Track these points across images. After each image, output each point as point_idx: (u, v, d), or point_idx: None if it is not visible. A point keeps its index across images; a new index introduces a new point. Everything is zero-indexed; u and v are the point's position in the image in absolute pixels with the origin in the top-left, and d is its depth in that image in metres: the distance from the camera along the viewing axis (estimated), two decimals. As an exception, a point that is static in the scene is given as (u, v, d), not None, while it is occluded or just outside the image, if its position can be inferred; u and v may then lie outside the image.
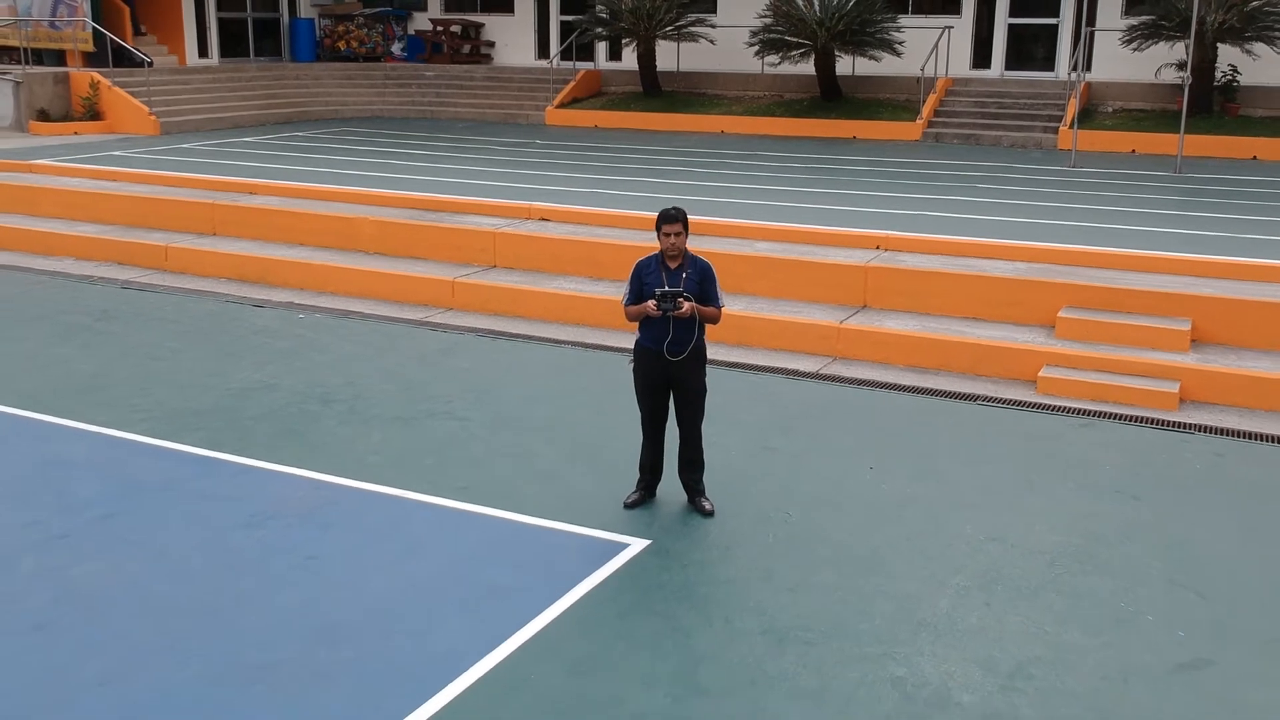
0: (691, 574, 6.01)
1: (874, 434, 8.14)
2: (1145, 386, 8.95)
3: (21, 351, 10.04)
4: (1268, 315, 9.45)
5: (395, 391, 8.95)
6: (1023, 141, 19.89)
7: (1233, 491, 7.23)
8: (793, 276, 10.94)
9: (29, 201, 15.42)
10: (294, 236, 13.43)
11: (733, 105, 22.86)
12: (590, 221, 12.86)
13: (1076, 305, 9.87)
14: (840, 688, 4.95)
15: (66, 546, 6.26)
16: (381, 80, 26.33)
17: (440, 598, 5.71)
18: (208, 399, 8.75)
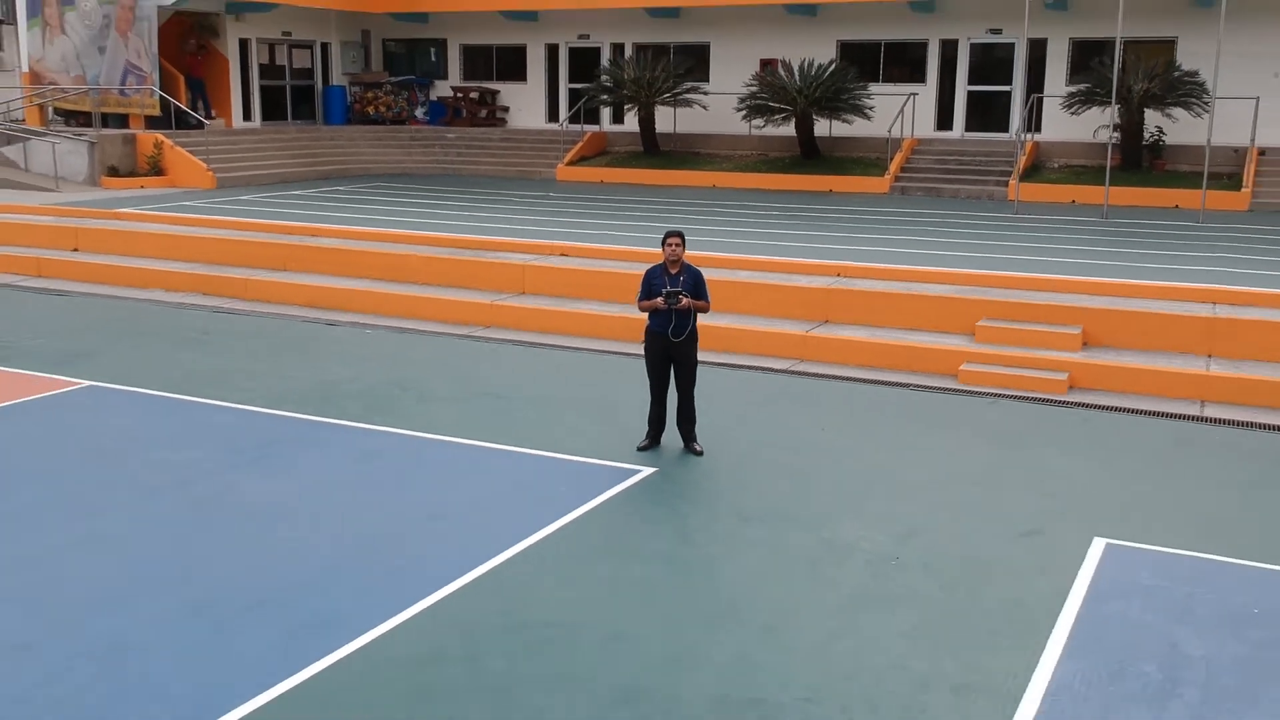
0: (686, 488, 8.39)
1: (827, 410, 10.55)
2: (1042, 376, 11.36)
3: (151, 356, 12.43)
4: (1141, 322, 11.89)
5: (452, 382, 11.35)
6: (977, 194, 22.48)
7: (1085, 440, 9.62)
8: (769, 297, 13.39)
9: (123, 243, 17.89)
10: (354, 270, 15.88)
11: (723, 163, 25.50)
12: (602, 256, 15.33)
13: (991, 317, 12.32)
14: (785, 544, 7.32)
15: (238, 472, 8.63)
16: (408, 141, 28.97)
17: (510, 500, 8.08)
18: (307, 386, 11.13)
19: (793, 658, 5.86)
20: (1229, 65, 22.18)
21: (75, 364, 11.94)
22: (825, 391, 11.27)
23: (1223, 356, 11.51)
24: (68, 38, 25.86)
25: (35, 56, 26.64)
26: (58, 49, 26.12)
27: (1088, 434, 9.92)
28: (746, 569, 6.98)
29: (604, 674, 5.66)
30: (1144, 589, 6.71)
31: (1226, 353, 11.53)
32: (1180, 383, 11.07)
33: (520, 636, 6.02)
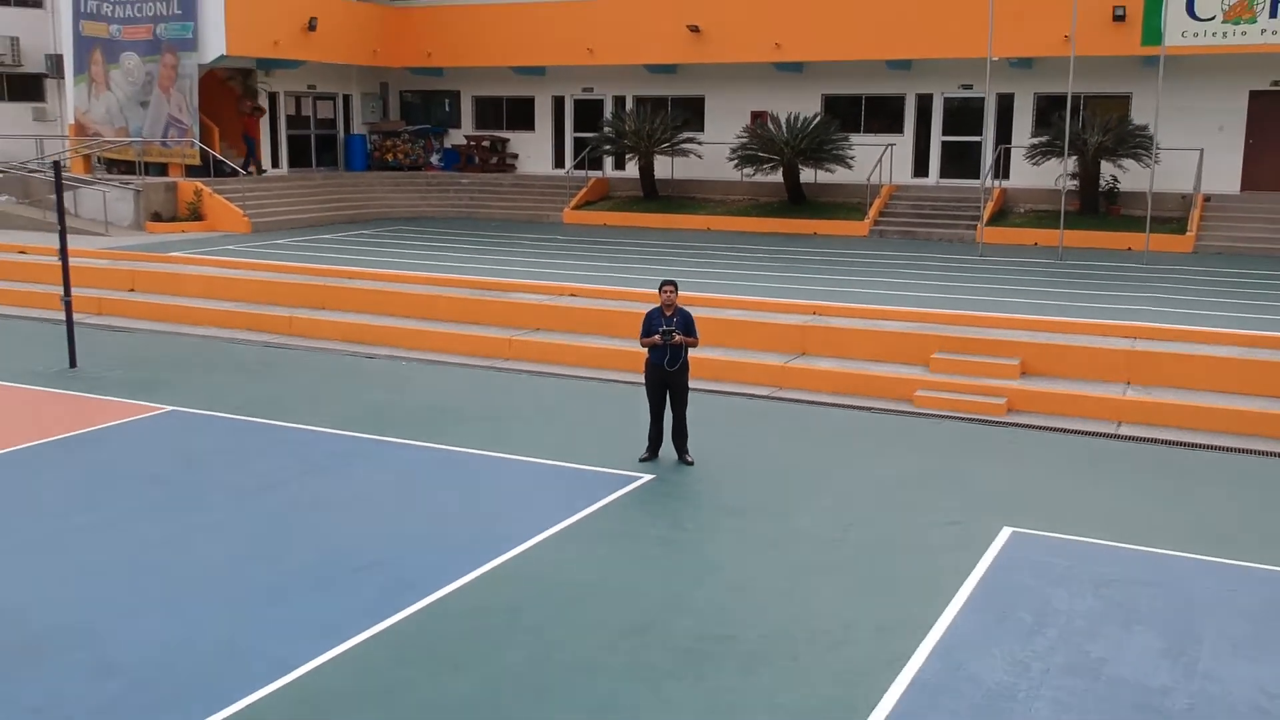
0: (679, 490, 10.27)
1: (800, 429, 12.45)
2: (984, 401, 13.25)
3: (217, 384, 14.33)
4: (1070, 354, 13.80)
5: (481, 406, 13.25)
6: (949, 237, 24.44)
7: (1012, 453, 11.51)
8: (753, 333, 15.30)
9: (175, 284, 19.82)
10: (387, 309, 17.80)
11: (717, 207, 27.51)
12: (606, 296, 17.25)
13: (944, 350, 14.23)
14: (754, 530, 9.19)
15: (311, 478, 10.51)
16: (424, 186, 31.00)
17: (537, 499, 9.96)
18: (357, 410, 13.03)
19: (755, 607, 7.72)
20: (1177, 120, 24.33)
21: (155, 391, 13.83)
22: (799, 414, 13.17)
23: (1139, 384, 13.40)
24: (112, 93, 27.92)
25: (81, 109, 28.71)
26: (103, 103, 28.18)
27: (1016, 448, 11.82)
28: (723, 547, 8.86)
29: (613, 618, 7.53)
30: (1034, 563, 8.58)
31: (1142, 380, 13.43)
32: (1101, 406, 12.96)
33: (550, 594, 7.90)
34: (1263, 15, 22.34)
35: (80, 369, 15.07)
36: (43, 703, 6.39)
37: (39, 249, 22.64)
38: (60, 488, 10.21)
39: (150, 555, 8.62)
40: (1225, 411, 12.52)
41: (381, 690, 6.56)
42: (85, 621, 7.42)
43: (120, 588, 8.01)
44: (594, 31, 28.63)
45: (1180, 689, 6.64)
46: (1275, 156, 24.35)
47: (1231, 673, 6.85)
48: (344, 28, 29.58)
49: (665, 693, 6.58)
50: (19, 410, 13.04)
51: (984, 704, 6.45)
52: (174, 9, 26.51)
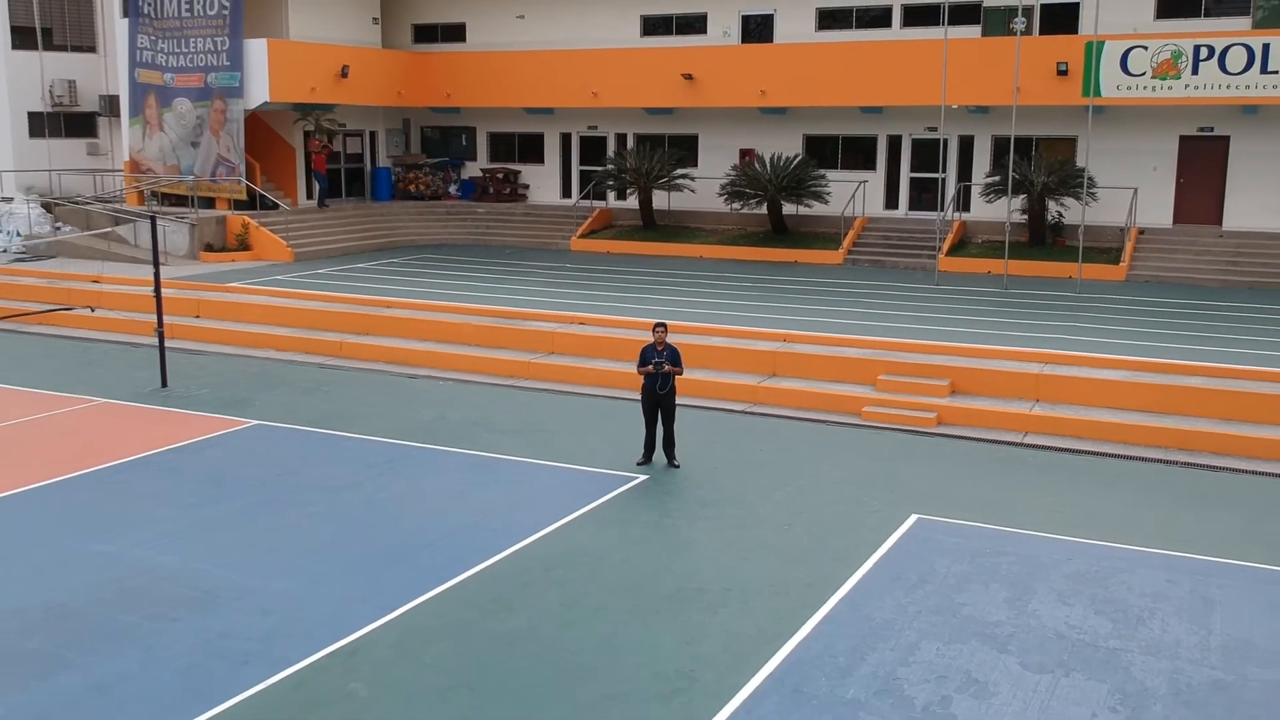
0: (667, 488, 13.11)
1: (768, 439, 15.29)
2: (919, 415, 16.08)
3: (287, 401, 17.18)
4: (989, 377, 16.63)
5: (508, 419, 16.10)
6: (914, 265, 27.27)
7: (934, 457, 14.36)
8: (731, 357, 18.14)
9: (236, 311, 22.67)
10: (424, 334, 20.64)
11: (708, 236, 30.35)
12: (610, 325, 20.08)
13: (888, 373, 17.08)
14: (724, 517, 12.04)
15: (379, 479, 13.36)
16: (444, 215, 33.84)
17: (556, 495, 12.80)
18: (406, 423, 15.87)
19: (719, 571, 10.57)
20: (1116, 160, 27.22)
21: (239, 408, 16.70)
22: (768, 426, 16.01)
23: (1044, 401, 16.23)
24: (165, 134, 30.80)
25: (136, 148, 31.58)
26: (156, 143, 31.05)
27: (939, 454, 14.67)
28: (699, 529, 11.71)
29: (617, 578, 10.37)
30: (928, 540, 11.42)
31: (1047, 398, 16.26)
32: (1012, 419, 15.79)
33: (571, 561, 10.75)
34: (1185, 73, 25.17)
35: (171, 389, 17.94)
36: (225, 629, 9.24)
37: (110, 279, 25.54)
38: (188, 487, 13.07)
39: (272, 537, 11.48)
40: (1111, 424, 15.35)
41: (455, 624, 9.41)
42: (240, 581, 10.28)
43: (257, 559, 10.87)
44: (598, 77, 31.49)
45: (1009, 622, 9.48)
46: (1203, 193, 27.19)
47: (1049, 613, 9.69)
48: (372, 73, 32.45)
49: (653, 626, 9.42)
50: (132, 424, 15.90)
51: (872, 631, 9.30)
52: (223, 60, 29.39)
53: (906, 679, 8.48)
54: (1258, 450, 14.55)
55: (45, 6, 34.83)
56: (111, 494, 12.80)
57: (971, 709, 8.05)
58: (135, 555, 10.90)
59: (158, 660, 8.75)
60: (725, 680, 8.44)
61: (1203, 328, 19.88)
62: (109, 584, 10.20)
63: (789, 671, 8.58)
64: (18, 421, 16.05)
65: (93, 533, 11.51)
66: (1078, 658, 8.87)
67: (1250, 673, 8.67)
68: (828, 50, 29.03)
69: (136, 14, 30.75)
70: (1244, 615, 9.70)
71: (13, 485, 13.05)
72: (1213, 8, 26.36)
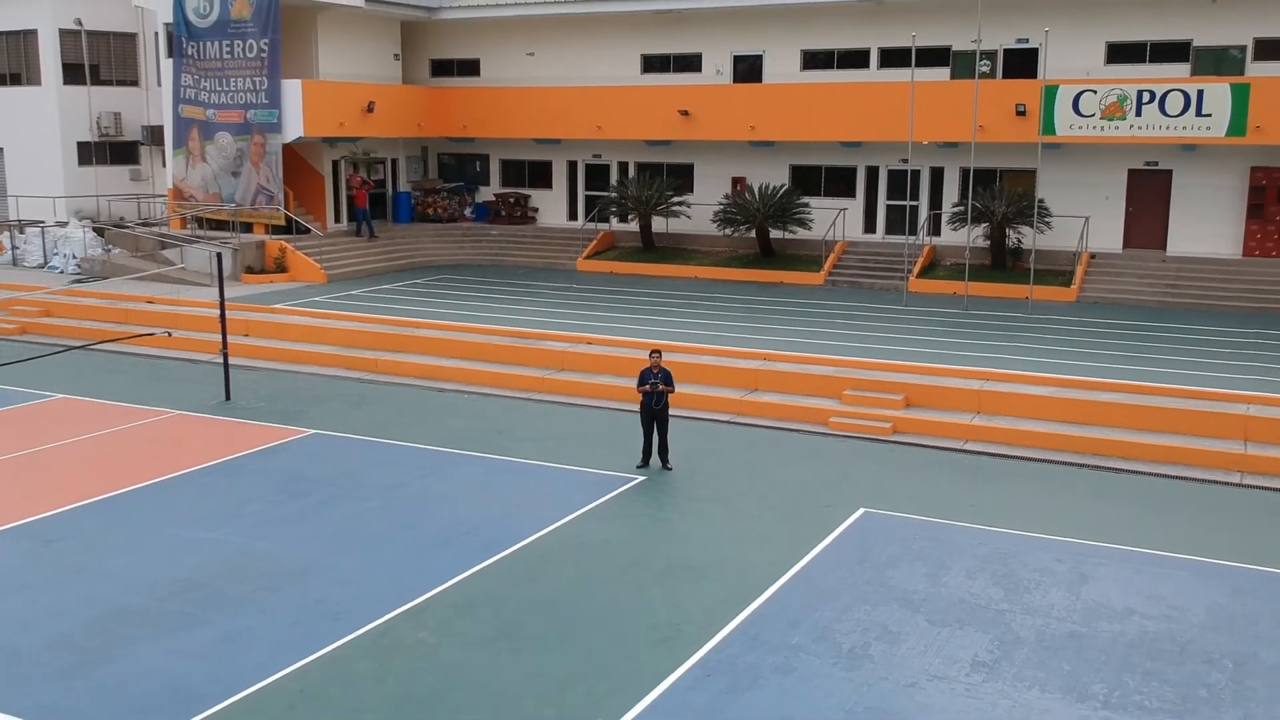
0: (661, 487, 15.76)
1: (748, 445, 17.94)
2: (877, 425, 18.70)
3: (337, 412, 19.81)
4: (938, 392, 19.26)
5: (526, 429, 18.75)
6: (887, 286, 29.90)
7: (886, 461, 17.00)
8: (718, 373, 20.76)
9: (280, 331, 25.32)
10: (450, 353, 23.28)
11: (702, 258, 32.99)
12: (614, 344, 22.70)
13: (852, 388, 19.71)
14: (710, 511, 14.69)
15: (423, 480, 16.00)
16: (460, 237, 36.49)
17: (569, 493, 15.44)
18: (440, 432, 18.51)
19: (703, 552, 13.22)
20: (1071, 191, 29.89)
21: (296, 419, 19.35)
22: (748, 435, 18.66)
23: (984, 413, 18.87)
24: (207, 164, 33.47)
25: (179, 177, 34.25)
26: (198, 172, 33.73)
27: (891, 458, 17.32)
28: (688, 521, 14.36)
29: (618, 558, 13.02)
30: (871, 528, 14.05)
31: (987, 411, 18.89)
32: (956, 429, 18.42)
33: (581, 546, 13.39)
34: (1130, 114, 27.80)
35: (234, 401, 20.59)
36: (317, 596, 11.89)
37: (163, 299, 28.20)
38: (267, 486, 15.73)
39: (342, 526, 14.13)
40: (1037, 433, 17.97)
41: (492, 592, 12.06)
42: (321, 560, 12.94)
43: (332, 543, 13.52)
44: (602, 111, 34.14)
45: (923, 591, 12.13)
46: (1150, 220, 29.82)
47: (956, 584, 12.32)
48: (395, 107, 35.13)
49: (648, 593, 12.07)
50: (208, 433, 18.56)
51: (816, 595, 11.93)
52: (262, 99, 32.06)
53: (838, 630, 11.13)
54: (1158, 455, 17.17)
55: (93, 45, 37.55)
56: (204, 492, 15.46)
57: (884, 651, 10.70)
58: (235, 541, 13.57)
59: (270, 618, 11.41)
60: (702, 631, 11.09)
61: (1134, 346, 22.51)
62: (220, 563, 12.87)
63: (751, 625, 11.23)
64: (110, 431, 18.71)
65: (197, 524, 14.17)
66: (972, 616, 11.52)
67: (1100, 626, 11.31)
68: (811, 89, 31.67)
69: (180, 55, 33.40)
70: (1108, 586, 12.34)
71: (122, 485, 15.71)
72: (1156, 55, 28.99)
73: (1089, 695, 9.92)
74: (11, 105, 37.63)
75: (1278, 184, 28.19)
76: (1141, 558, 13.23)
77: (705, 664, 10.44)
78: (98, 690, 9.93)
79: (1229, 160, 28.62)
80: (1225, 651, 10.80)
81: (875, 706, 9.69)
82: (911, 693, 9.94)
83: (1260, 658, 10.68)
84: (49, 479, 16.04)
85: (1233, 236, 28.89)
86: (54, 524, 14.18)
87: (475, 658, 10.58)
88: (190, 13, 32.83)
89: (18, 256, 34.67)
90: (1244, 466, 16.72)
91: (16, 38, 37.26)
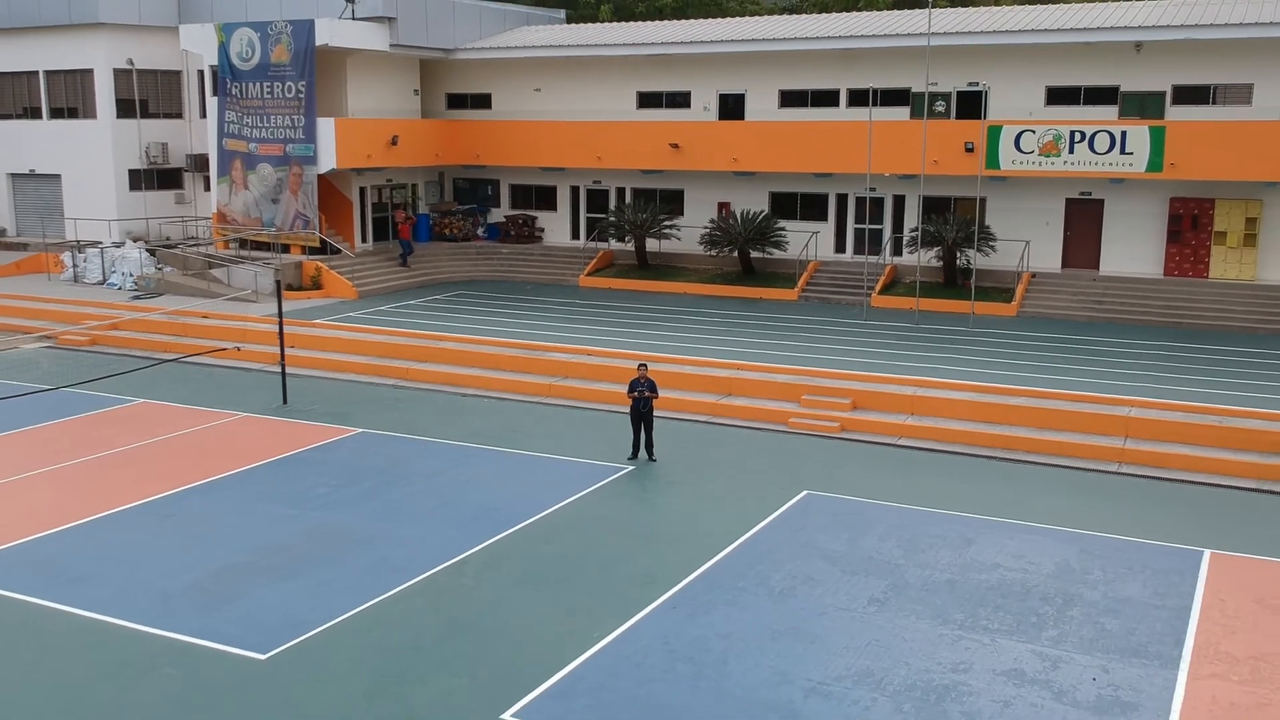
0: (648, 474, 19.39)
1: (720, 441, 21.57)
2: (827, 425, 22.31)
3: (374, 413, 23.41)
4: (878, 396, 22.87)
5: (538, 428, 22.37)
6: (854, 301, 33.49)
7: (834, 453, 20.61)
8: (697, 381, 24.38)
9: (321, 343, 28.94)
10: (469, 363, 26.89)
11: (691, 275, 36.60)
12: (610, 356, 26.30)
13: (809, 393, 23.33)
14: (684, 491, 18.33)
15: (456, 470, 19.63)
16: (474, 255, 40.11)
17: (573, 478, 19.06)
18: (467, 430, 22.13)
19: (676, 523, 16.84)
20: (1016, 217, 33.50)
21: (343, 419, 22.97)
22: (720, 433, 22.28)
23: (915, 414, 22.47)
24: (249, 191, 37.12)
25: (223, 203, 37.90)
26: (241, 199, 37.38)
27: (835, 451, 20.93)
28: (667, 500, 18.00)
29: (612, 527, 16.65)
30: (810, 506, 17.65)
31: (917, 412, 22.50)
32: (890, 428, 22.01)
33: (583, 519, 17.03)
34: (1064, 152, 31.40)
35: (290, 405, 24.22)
36: (381, 556, 15.51)
37: (218, 315, 31.84)
38: (330, 474, 19.33)
39: (395, 505, 17.76)
40: (959, 431, 21.56)
41: (515, 551, 15.68)
42: (382, 530, 16.56)
43: (389, 518, 17.13)
44: (602, 143, 37.76)
45: (843, 551, 15.74)
46: (1085, 243, 33.41)
47: (869, 546, 15.93)
48: (416, 140, 38.77)
49: (635, 552, 15.68)
50: (273, 432, 22.19)
51: (759, 555, 15.55)
52: (299, 134, 35.71)
53: (772, 577, 14.75)
54: (1053, 449, 20.76)
55: (143, 82, 41.21)
56: (280, 479, 19.09)
57: (806, 591, 14.33)
58: (312, 516, 17.20)
59: (347, 570, 15.04)
60: (673, 579, 14.69)
61: (1056, 356, 26.10)
62: (303, 532, 16.50)
63: (708, 574, 14.86)
64: (190, 431, 22.34)
65: (280, 503, 17.81)
66: (875, 569, 15.13)
67: (971, 576, 14.94)
68: (788, 126, 35.29)
69: (225, 94, 37.04)
70: (986, 548, 15.95)
71: (212, 474, 19.33)
72: (1089, 98, 32.60)
73: (950, 621, 13.54)
74: (70, 136, 41.27)
75: (1193, 213, 31.78)
76: (1018, 528, 16.84)
77: (673, 600, 14.08)
78: (231, 618, 13.57)
79: (1152, 191, 32.22)
80: (1059, 592, 14.42)
81: (794, 627, 13.32)
82: (821, 619, 13.58)
83: (1084, 597, 14.30)
84: (154, 468, 19.68)
85: (1155, 258, 32.49)
86: (166, 504, 17.82)
87: (504, 595, 14.22)
88: (234, 57, 36.47)
89: (78, 274, 38.28)
90: (1122, 458, 20.34)
91: (75, 76, 40.91)
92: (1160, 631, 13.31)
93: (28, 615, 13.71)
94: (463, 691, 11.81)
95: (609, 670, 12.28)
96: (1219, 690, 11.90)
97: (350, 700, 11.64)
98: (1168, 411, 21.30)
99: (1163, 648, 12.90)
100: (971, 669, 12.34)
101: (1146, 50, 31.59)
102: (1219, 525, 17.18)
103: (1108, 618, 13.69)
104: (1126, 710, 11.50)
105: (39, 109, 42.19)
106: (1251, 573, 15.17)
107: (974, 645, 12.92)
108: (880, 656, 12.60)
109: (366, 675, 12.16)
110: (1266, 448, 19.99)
